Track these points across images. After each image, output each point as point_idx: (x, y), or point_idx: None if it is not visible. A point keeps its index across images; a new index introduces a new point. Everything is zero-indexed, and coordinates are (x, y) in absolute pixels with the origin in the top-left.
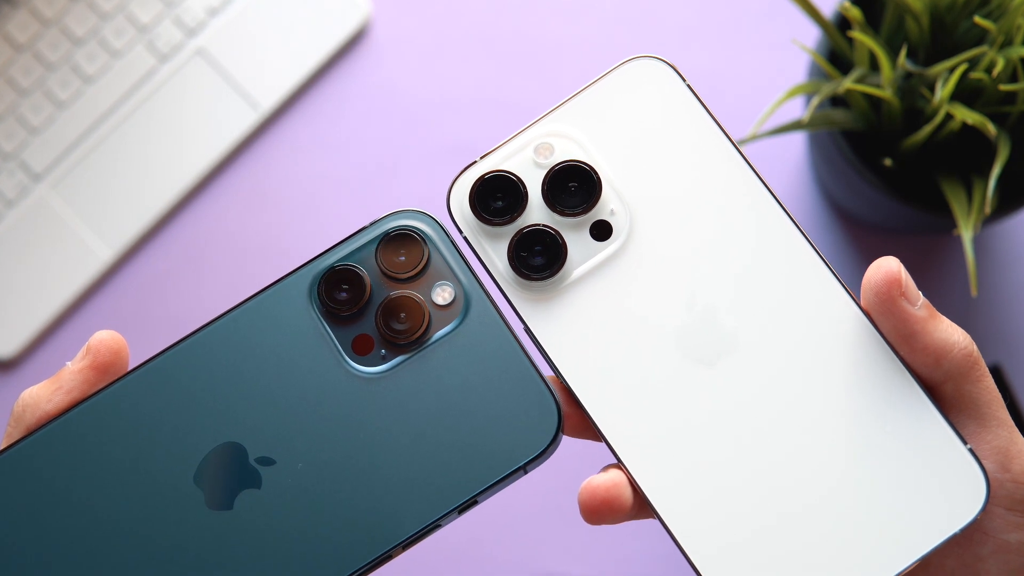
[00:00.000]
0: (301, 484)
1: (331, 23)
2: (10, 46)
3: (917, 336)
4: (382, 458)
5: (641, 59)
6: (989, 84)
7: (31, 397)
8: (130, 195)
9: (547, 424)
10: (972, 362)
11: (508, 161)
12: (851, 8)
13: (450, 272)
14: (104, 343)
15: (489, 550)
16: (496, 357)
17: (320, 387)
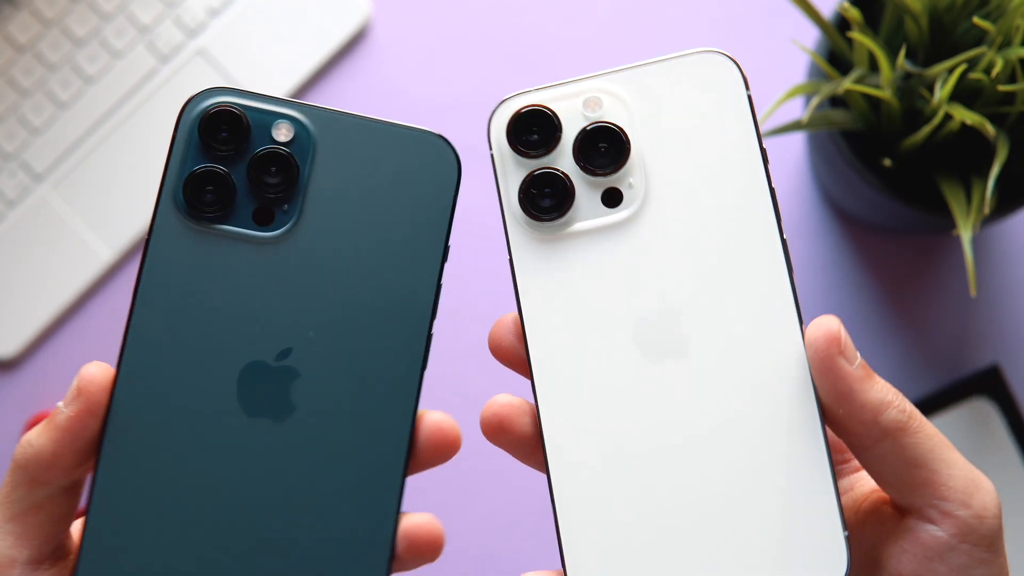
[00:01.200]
0: (325, 346)
1: (331, 23)
2: (11, 47)
3: (855, 394)
4: (351, 291)
5: (715, 54)
6: (988, 85)
7: (34, 450)
8: (131, 195)
9: (445, 157)
10: (908, 415)
11: (557, 102)
12: (850, 9)
13: (282, 113)
14: (95, 382)
15: (488, 550)
16: (366, 145)
17: (265, 272)
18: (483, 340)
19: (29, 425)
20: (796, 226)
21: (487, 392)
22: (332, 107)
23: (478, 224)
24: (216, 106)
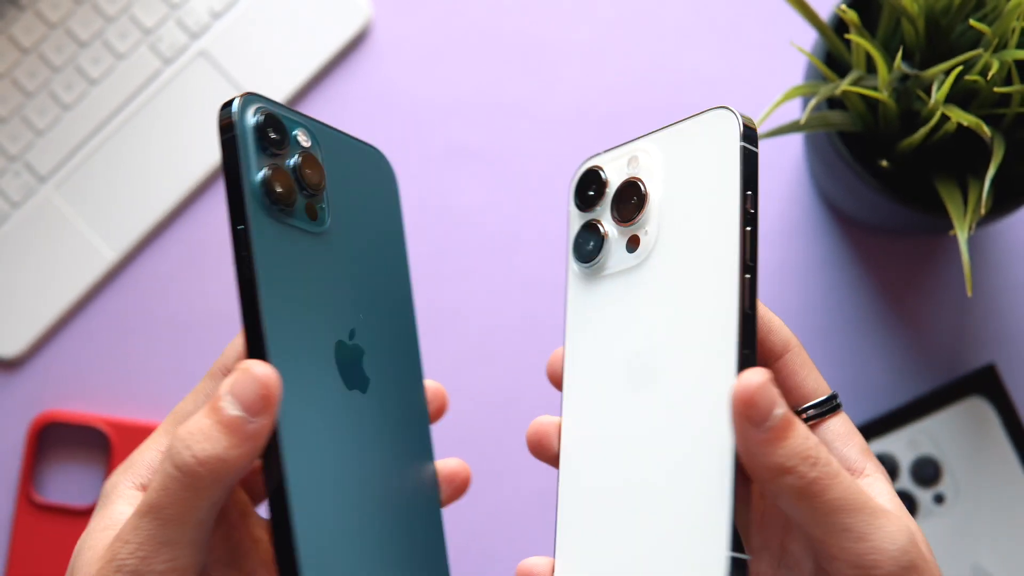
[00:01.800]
0: (370, 326)
1: (333, 25)
2: (16, 49)
3: (756, 456)
4: (371, 278)
5: (723, 110)
6: (984, 86)
7: (219, 459)
8: (134, 196)
9: (387, 166)
10: (808, 482)
11: (611, 162)
12: (848, 11)
13: (296, 120)
14: (277, 389)
15: (489, 549)
16: (341, 152)
17: (324, 262)
18: (482, 339)
19: (34, 424)
20: (794, 227)
21: (487, 392)
22: (304, 114)
23: (478, 224)
24: (265, 110)
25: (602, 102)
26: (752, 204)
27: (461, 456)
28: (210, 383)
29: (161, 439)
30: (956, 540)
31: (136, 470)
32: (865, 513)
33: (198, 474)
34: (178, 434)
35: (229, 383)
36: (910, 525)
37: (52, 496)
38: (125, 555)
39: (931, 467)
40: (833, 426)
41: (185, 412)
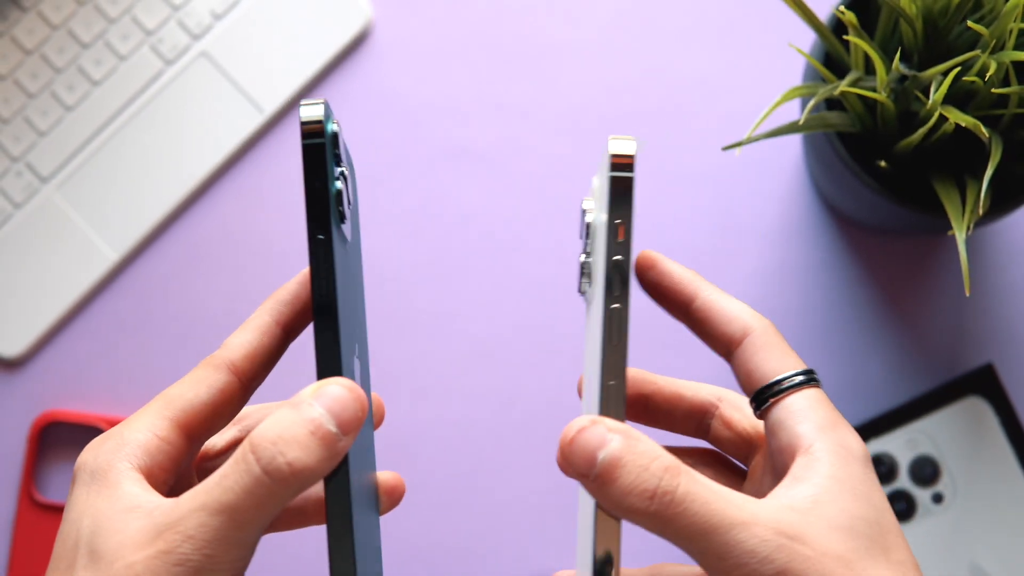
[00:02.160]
0: (361, 340)
1: (333, 26)
2: (19, 50)
3: (597, 499)
4: (359, 281)
5: (610, 140)
6: (982, 87)
7: (305, 468)
8: (135, 197)
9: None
10: (650, 517)
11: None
12: (846, 12)
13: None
14: (366, 409)
15: (489, 549)
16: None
17: (351, 268)
18: (482, 340)
19: (36, 424)
20: (792, 227)
21: (487, 393)
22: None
23: (478, 225)
24: (335, 120)
25: (602, 103)
26: (622, 233)
27: (460, 454)
28: (209, 372)
29: (153, 420)
30: (954, 539)
31: (130, 451)
32: (720, 532)
33: (288, 482)
34: (265, 439)
35: (327, 399)
36: (784, 527)
37: (53, 495)
38: (189, 550)
39: (929, 466)
40: (790, 404)
41: (181, 397)
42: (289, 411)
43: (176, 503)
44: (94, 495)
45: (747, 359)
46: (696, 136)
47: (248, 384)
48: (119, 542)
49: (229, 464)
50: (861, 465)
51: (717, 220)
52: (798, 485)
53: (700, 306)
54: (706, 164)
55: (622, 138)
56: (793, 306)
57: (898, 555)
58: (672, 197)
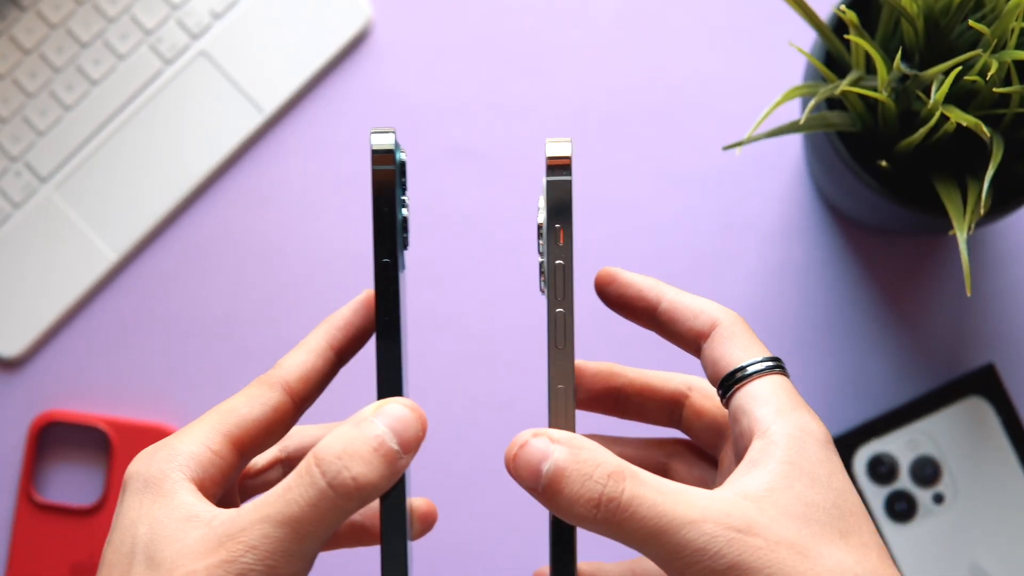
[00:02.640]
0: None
1: (333, 26)
2: (17, 49)
3: (549, 509)
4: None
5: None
6: (983, 87)
7: (368, 483)
8: (135, 196)
9: None
10: (600, 524)
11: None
12: (847, 11)
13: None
14: (424, 435)
15: (489, 549)
16: None
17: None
18: (482, 340)
19: (35, 424)
20: (793, 227)
21: (487, 393)
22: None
23: (478, 225)
24: (402, 149)
25: (602, 103)
26: (562, 237)
27: (460, 454)
28: (264, 390)
29: (206, 433)
30: (955, 540)
31: (183, 462)
32: (670, 533)
33: (352, 496)
34: (330, 453)
35: (389, 418)
36: (734, 520)
37: (52, 496)
38: (251, 561)
39: (930, 467)
40: (752, 390)
41: (235, 412)
42: (352, 428)
43: (237, 513)
44: (148, 503)
45: (714, 349)
46: (696, 136)
47: (300, 404)
48: (179, 550)
49: (292, 477)
50: (820, 447)
51: (717, 220)
52: (753, 471)
53: (666, 308)
54: (706, 164)
55: (559, 140)
56: (793, 306)
57: (859, 538)
58: (672, 197)
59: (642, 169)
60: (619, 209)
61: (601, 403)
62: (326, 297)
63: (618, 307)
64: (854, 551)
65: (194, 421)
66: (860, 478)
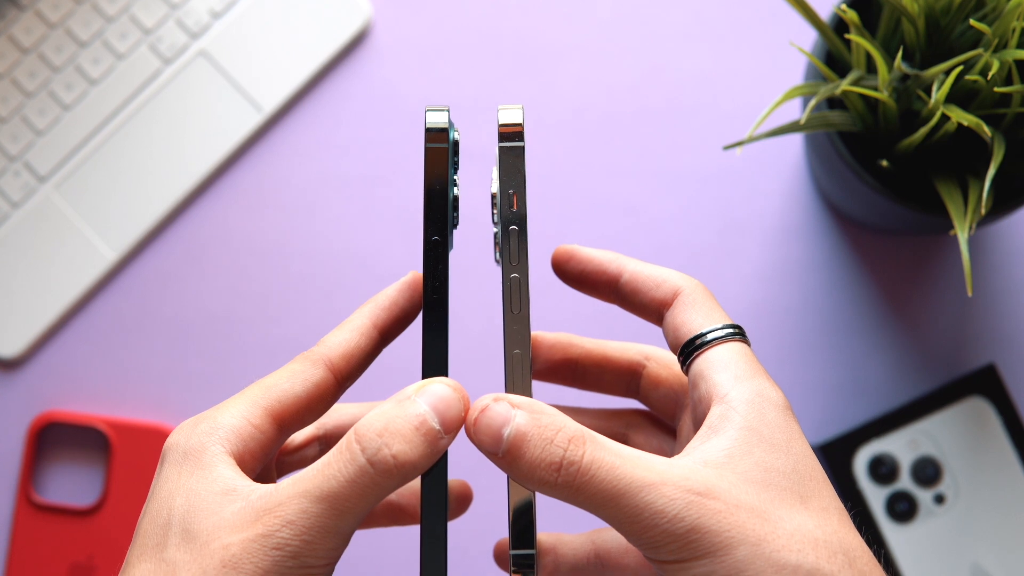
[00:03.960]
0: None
1: (333, 26)
2: (16, 49)
3: (509, 474)
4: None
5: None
6: (984, 86)
7: (409, 462)
8: (134, 196)
9: None
10: (560, 488)
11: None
12: (848, 11)
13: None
14: (465, 414)
15: (489, 550)
16: None
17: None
18: (482, 340)
19: (34, 425)
20: (793, 227)
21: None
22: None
23: (478, 225)
24: (455, 129)
25: (602, 102)
26: (516, 202)
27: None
28: (307, 367)
29: (247, 407)
30: (956, 540)
31: (224, 435)
32: (629, 496)
33: (391, 474)
34: (371, 431)
35: (432, 397)
36: (693, 484)
37: (52, 496)
38: (288, 536)
39: (931, 467)
40: (711, 356)
41: (277, 388)
42: (394, 406)
43: (276, 488)
44: (187, 475)
45: (675, 316)
46: (697, 135)
47: (342, 382)
48: (215, 523)
49: (333, 453)
50: (779, 413)
51: (718, 220)
52: (713, 437)
53: (628, 279)
54: (707, 163)
55: (510, 107)
56: (794, 306)
57: (819, 502)
58: (673, 196)
59: (642, 168)
60: (619, 208)
61: (558, 374)
62: (326, 297)
63: (579, 283)
64: (815, 515)
65: (236, 395)
66: (861, 478)
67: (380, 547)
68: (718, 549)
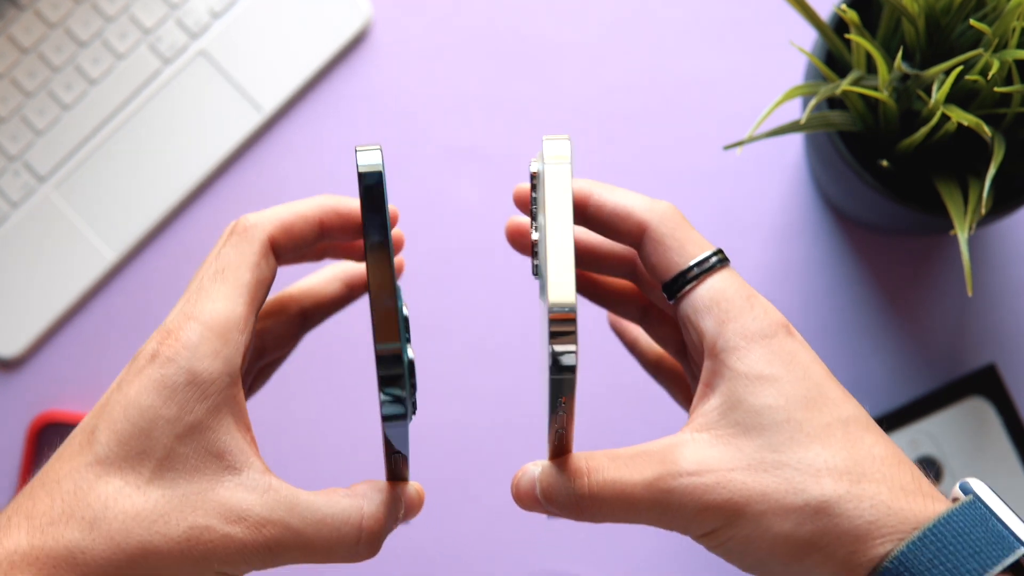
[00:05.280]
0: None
1: (333, 25)
2: (16, 48)
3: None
4: None
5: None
6: (984, 86)
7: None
8: (134, 196)
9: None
10: (584, 519)
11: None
12: (848, 11)
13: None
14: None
15: (489, 550)
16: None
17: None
18: (482, 339)
19: (34, 425)
20: (794, 227)
21: (486, 392)
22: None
23: (478, 224)
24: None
25: (602, 102)
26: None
27: (460, 454)
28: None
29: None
30: None
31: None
32: (640, 501)
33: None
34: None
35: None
36: (685, 465)
37: None
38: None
39: (932, 467)
40: (693, 300)
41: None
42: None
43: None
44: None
45: (647, 257)
46: (697, 135)
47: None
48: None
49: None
50: (767, 344)
51: (718, 220)
52: (709, 395)
53: (593, 214)
54: (707, 163)
55: (556, 138)
56: (794, 306)
57: (820, 421)
58: (673, 196)
59: (642, 168)
60: None
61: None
62: None
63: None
64: (815, 440)
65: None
66: None
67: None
68: (730, 516)
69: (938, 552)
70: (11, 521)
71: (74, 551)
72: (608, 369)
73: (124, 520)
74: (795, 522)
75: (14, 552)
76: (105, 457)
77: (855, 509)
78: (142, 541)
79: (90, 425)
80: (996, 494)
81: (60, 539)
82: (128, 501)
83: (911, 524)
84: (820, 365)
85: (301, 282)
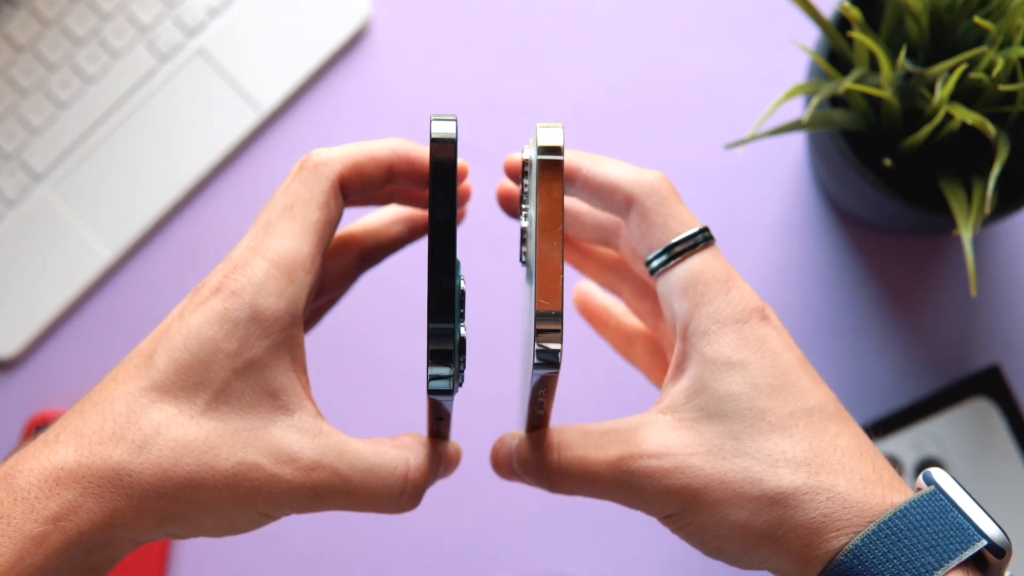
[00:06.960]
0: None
1: (331, 24)
2: (11, 46)
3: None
4: None
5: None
6: (988, 84)
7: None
8: (130, 195)
9: None
10: (555, 491)
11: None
12: (851, 8)
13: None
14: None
15: (489, 550)
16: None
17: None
18: (482, 339)
19: (30, 425)
20: (796, 226)
21: (487, 391)
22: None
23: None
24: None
25: (602, 102)
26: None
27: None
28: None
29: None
30: None
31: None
32: (604, 479)
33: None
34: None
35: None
36: (648, 447)
37: None
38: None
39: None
40: (671, 280)
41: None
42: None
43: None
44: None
45: (632, 231)
46: (699, 134)
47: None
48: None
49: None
50: (735, 331)
51: (720, 219)
52: (679, 377)
53: (582, 186)
54: (709, 162)
55: (550, 126)
56: (796, 306)
57: (783, 410)
58: None
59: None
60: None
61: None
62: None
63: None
64: (777, 430)
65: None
66: None
67: (380, 547)
68: (688, 501)
69: (892, 546)
70: (59, 437)
71: (120, 472)
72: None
73: (174, 448)
74: (751, 512)
75: (61, 468)
76: (161, 383)
77: (811, 501)
78: (189, 471)
79: (148, 350)
80: (960, 484)
81: (108, 459)
82: (180, 429)
83: (868, 517)
84: (793, 352)
85: (361, 220)
